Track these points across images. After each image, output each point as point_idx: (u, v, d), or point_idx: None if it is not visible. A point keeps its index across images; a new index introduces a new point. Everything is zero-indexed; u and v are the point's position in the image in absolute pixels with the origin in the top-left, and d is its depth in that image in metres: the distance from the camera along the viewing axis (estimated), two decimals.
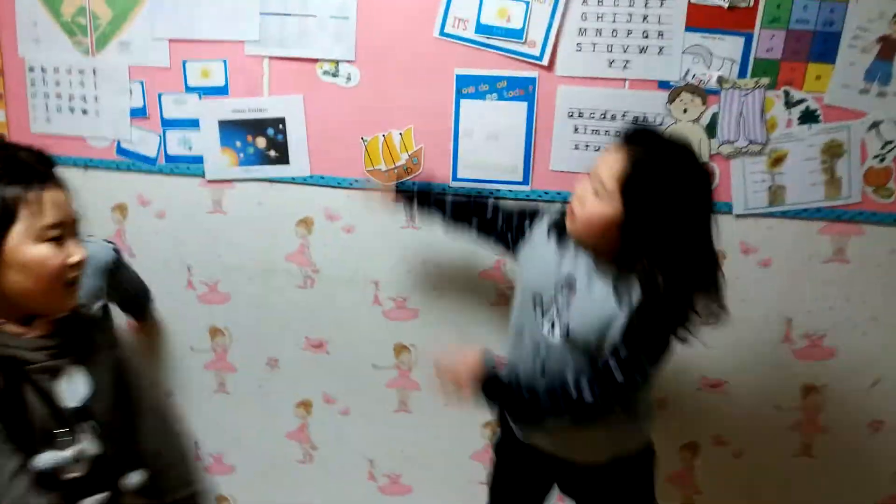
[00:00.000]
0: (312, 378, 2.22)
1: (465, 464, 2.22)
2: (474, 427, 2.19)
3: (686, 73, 1.84)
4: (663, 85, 1.87)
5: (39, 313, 1.18)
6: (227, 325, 2.21)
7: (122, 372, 1.29)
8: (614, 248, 1.39)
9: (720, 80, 1.83)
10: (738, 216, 1.93)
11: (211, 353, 2.23)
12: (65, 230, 1.16)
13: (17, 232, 1.11)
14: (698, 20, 1.81)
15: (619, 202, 1.34)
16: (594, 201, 1.37)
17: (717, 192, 1.88)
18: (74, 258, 1.16)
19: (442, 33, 1.91)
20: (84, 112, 2.10)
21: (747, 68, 1.84)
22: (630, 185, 1.32)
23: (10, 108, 2.13)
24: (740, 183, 1.90)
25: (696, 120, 1.86)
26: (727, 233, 1.80)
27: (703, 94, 1.85)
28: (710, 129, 1.87)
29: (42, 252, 1.12)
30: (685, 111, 1.86)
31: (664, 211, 1.31)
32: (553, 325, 1.47)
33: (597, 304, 1.40)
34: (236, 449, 2.32)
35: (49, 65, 2.09)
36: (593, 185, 1.38)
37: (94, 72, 2.07)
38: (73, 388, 1.20)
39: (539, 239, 1.58)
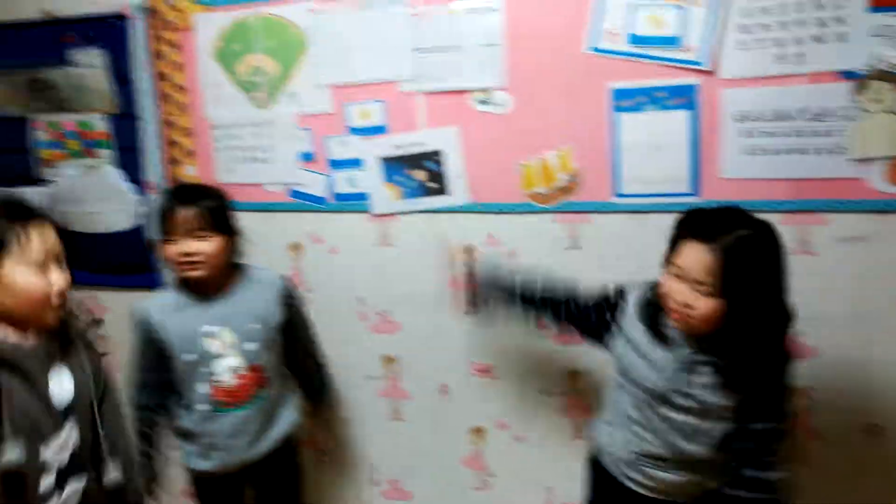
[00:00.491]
0: (484, 404, 2.17)
1: None
2: None
3: (875, 59, 1.60)
4: (847, 75, 1.64)
5: (30, 327, 1.31)
6: (400, 353, 2.22)
7: (96, 369, 1.43)
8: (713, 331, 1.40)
9: None
10: None
11: (384, 380, 2.25)
12: (49, 260, 1.29)
13: (8, 261, 1.25)
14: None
15: (720, 293, 1.34)
16: (703, 300, 1.36)
17: None
18: (57, 286, 1.30)
19: (594, 49, 1.81)
20: (261, 161, 2.21)
21: None
22: (729, 276, 1.32)
23: (199, 162, 2.29)
24: None
25: (893, 109, 1.62)
26: None
27: None
28: None
29: (28, 279, 1.26)
30: (877, 101, 1.62)
31: (763, 287, 1.36)
32: (678, 409, 1.47)
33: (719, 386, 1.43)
34: (412, 476, 2.32)
35: (229, 121, 2.22)
36: (690, 285, 1.37)
37: (268, 123, 2.17)
38: (61, 387, 1.34)
39: (636, 334, 1.54)
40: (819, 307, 1.72)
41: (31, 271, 1.27)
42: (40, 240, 1.28)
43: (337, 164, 2.13)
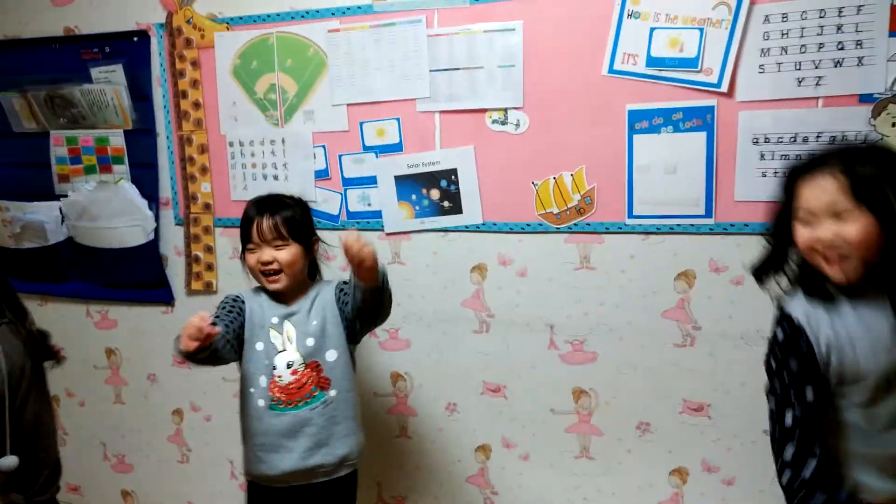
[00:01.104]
0: (491, 423, 2.06)
1: None
2: (661, 474, 1.93)
3: (893, 83, 1.53)
4: (865, 99, 1.56)
5: None
6: (408, 370, 2.12)
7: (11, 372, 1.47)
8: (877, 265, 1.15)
9: None
10: None
11: (393, 398, 2.15)
12: None
13: None
14: None
15: (865, 211, 1.13)
16: (848, 226, 1.14)
17: None
18: None
19: (611, 71, 1.73)
20: (275, 178, 2.12)
21: None
22: (865, 189, 1.13)
23: (214, 179, 2.20)
24: None
25: None
26: None
27: None
28: None
29: None
30: (894, 125, 1.54)
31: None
32: None
33: None
34: (417, 492, 2.20)
35: (246, 139, 2.14)
36: (828, 219, 1.16)
37: (283, 141, 2.09)
38: None
39: (833, 328, 1.21)
40: None
41: None
42: None
43: (350, 182, 2.04)
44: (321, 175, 2.07)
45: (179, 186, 2.23)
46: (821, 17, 1.56)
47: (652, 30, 1.69)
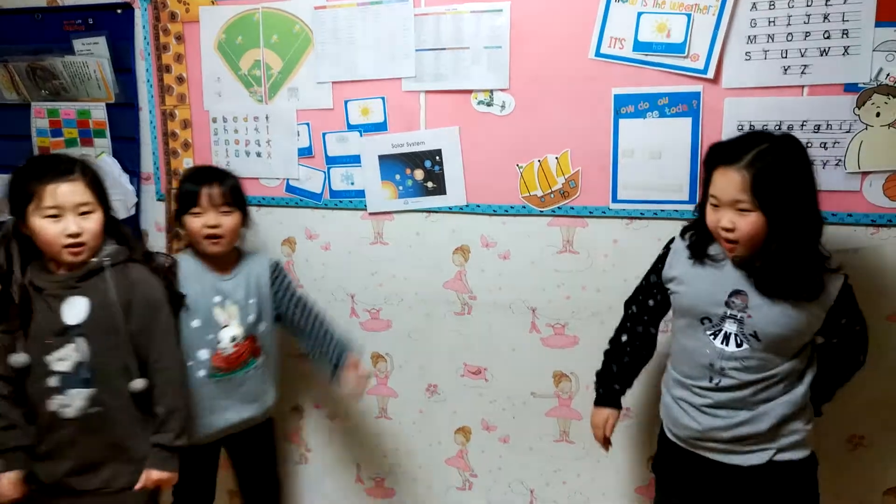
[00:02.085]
0: (471, 405, 2.07)
1: (630, 497, 1.97)
2: (639, 460, 1.94)
3: (878, 73, 1.53)
4: (850, 88, 1.57)
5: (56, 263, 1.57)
6: (389, 351, 2.12)
7: (127, 307, 1.57)
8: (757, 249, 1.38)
9: None
10: None
11: (374, 378, 2.14)
12: (62, 211, 1.51)
13: (31, 212, 1.51)
14: (891, 13, 1.50)
15: (758, 208, 1.32)
16: (744, 219, 1.35)
17: None
18: (69, 230, 1.50)
19: (598, 54, 1.72)
20: (258, 155, 2.10)
21: None
22: (760, 187, 1.31)
23: (196, 155, 2.18)
24: None
25: (893, 124, 1.54)
26: None
27: None
28: None
29: (43, 227, 1.50)
30: (878, 115, 1.55)
31: (795, 193, 1.33)
32: (727, 338, 1.45)
33: (782, 304, 1.39)
34: (395, 473, 2.21)
35: (229, 114, 2.11)
36: (730, 209, 1.36)
37: (267, 117, 2.07)
38: (72, 311, 1.54)
39: (682, 271, 1.53)
40: None
41: (47, 221, 1.50)
42: (55, 194, 1.50)
43: (334, 161, 2.03)
44: (304, 153, 2.05)
45: (161, 161, 2.21)
46: (808, 6, 1.56)
47: (639, 14, 1.68)
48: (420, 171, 1.95)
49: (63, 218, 1.51)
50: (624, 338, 1.67)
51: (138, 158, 2.24)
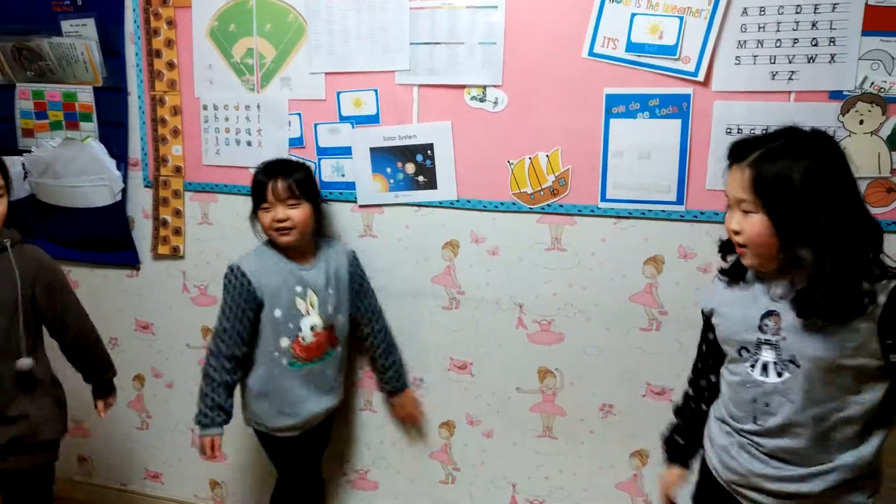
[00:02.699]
0: (456, 399, 2.09)
1: (611, 493, 2.01)
2: (621, 456, 1.98)
3: (863, 81, 1.58)
4: (835, 95, 1.61)
5: None
6: None
7: (31, 287, 1.70)
8: (779, 256, 1.24)
9: None
10: None
11: (359, 371, 2.16)
12: None
13: None
14: (877, 23, 1.55)
15: (763, 210, 1.21)
16: (748, 221, 1.24)
17: None
18: None
19: (591, 54, 1.76)
20: (249, 144, 2.11)
21: None
22: (765, 189, 1.20)
23: (186, 143, 2.18)
24: None
25: (875, 132, 1.59)
26: None
27: (884, 102, 1.58)
28: (892, 141, 1.59)
29: None
30: (861, 122, 1.60)
31: (803, 193, 1.17)
32: (766, 368, 1.28)
33: (818, 324, 1.21)
34: (380, 466, 2.23)
35: (220, 102, 2.12)
36: (738, 210, 1.26)
37: (259, 107, 2.07)
38: None
39: (720, 299, 1.40)
40: None
41: None
42: None
43: (325, 152, 2.04)
44: (295, 143, 2.06)
45: (150, 148, 2.20)
46: (797, 13, 1.60)
47: (633, 15, 1.71)
48: (411, 165, 1.96)
49: None
50: (692, 403, 1.53)
51: (126, 144, 2.23)
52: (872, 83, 1.57)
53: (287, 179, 1.81)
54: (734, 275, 1.37)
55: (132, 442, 2.49)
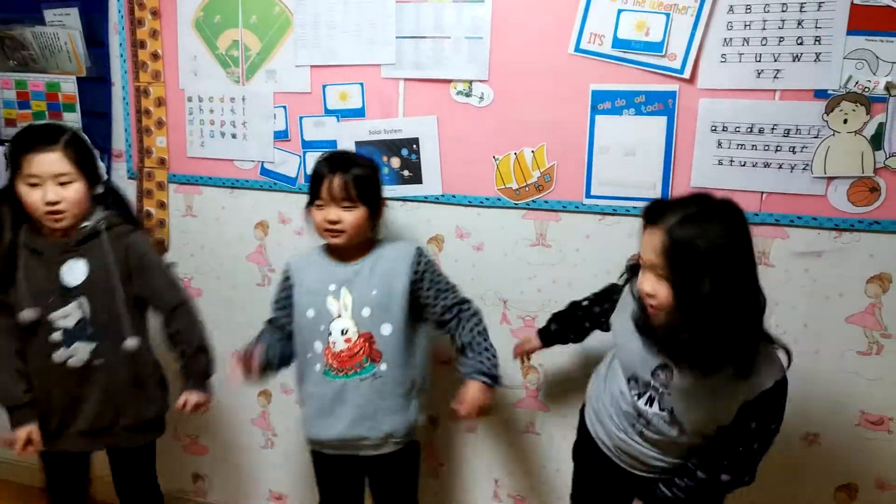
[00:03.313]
0: (440, 395, 2.08)
1: None
2: None
3: (847, 81, 1.59)
4: (820, 94, 1.62)
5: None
6: None
7: (125, 268, 1.73)
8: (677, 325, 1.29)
9: (888, 86, 1.56)
10: None
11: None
12: (41, 180, 1.62)
13: (18, 180, 1.65)
14: (863, 22, 1.55)
15: (670, 277, 1.26)
16: (662, 286, 1.28)
17: (885, 207, 1.63)
18: (47, 198, 1.62)
19: (577, 50, 1.76)
20: (233, 136, 2.10)
21: None
22: (674, 255, 1.24)
23: (170, 134, 2.17)
24: None
25: (859, 131, 1.60)
26: None
27: (868, 102, 1.58)
28: (876, 141, 1.60)
29: (25, 191, 1.64)
30: (845, 122, 1.60)
31: (717, 267, 1.22)
32: (651, 401, 1.43)
33: (702, 393, 1.36)
34: None
35: (205, 94, 2.11)
36: (652, 272, 1.30)
37: (244, 99, 2.07)
38: (72, 272, 1.68)
39: (621, 326, 1.51)
40: (770, 318, 1.69)
41: (27, 188, 1.64)
42: (33, 163, 1.62)
43: (310, 145, 2.03)
44: (280, 136, 2.05)
45: (134, 139, 2.19)
46: (783, 11, 1.60)
47: (619, 11, 1.71)
48: (397, 159, 1.96)
49: (42, 186, 1.63)
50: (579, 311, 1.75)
51: (109, 135, 2.22)
52: (857, 82, 1.58)
53: (346, 177, 1.64)
54: (644, 329, 1.42)
55: None
